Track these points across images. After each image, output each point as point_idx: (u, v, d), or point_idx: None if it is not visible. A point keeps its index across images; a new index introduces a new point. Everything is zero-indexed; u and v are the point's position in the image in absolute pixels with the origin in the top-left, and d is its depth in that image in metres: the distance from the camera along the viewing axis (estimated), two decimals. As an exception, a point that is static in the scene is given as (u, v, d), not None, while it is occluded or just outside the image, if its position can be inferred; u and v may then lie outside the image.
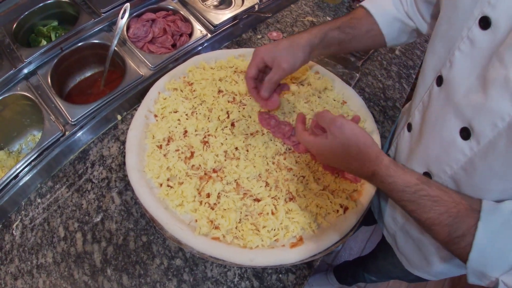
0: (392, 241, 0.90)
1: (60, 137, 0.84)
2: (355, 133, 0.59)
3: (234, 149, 0.83)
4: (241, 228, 0.72)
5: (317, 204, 0.76)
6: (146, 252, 0.76)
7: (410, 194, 0.54)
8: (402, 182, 0.55)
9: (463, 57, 0.54)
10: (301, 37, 0.76)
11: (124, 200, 0.82)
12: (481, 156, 0.52)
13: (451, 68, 0.56)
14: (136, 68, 0.96)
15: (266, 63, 0.77)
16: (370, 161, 0.57)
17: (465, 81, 0.53)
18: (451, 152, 0.56)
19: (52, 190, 0.84)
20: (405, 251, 0.85)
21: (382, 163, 0.57)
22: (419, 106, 0.68)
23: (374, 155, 0.57)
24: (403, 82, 1.17)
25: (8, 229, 0.79)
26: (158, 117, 0.88)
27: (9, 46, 0.94)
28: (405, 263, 0.88)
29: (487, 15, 0.49)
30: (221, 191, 0.77)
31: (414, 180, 0.54)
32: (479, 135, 0.51)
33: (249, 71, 0.78)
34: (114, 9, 1.04)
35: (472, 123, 0.52)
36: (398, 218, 0.81)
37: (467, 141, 0.53)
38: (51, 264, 0.74)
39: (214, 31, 1.10)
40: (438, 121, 0.60)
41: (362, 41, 0.81)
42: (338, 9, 1.38)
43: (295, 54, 0.75)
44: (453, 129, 0.55)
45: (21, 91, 0.89)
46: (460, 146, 0.54)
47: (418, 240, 0.77)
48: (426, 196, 0.53)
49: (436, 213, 0.52)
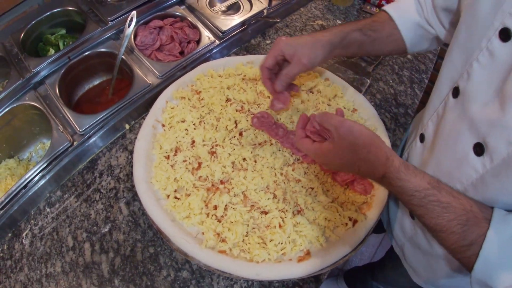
0: (400, 252, 0.88)
1: (68, 147, 0.85)
2: (364, 134, 0.56)
3: (241, 159, 0.82)
4: (248, 241, 0.71)
5: (325, 217, 0.74)
6: (153, 263, 0.76)
7: (419, 199, 0.52)
8: (412, 186, 0.53)
9: (482, 69, 0.52)
10: (322, 35, 0.74)
11: (132, 211, 0.82)
12: (493, 174, 0.50)
13: (468, 80, 0.54)
14: (143, 76, 0.96)
15: (285, 56, 0.74)
16: (380, 163, 0.55)
17: (482, 95, 0.51)
18: (463, 168, 0.55)
19: (61, 200, 0.85)
20: (413, 263, 0.84)
21: (392, 166, 0.55)
22: (433, 117, 0.66)
23: (384, 157, 0.55)
24: (415, 87, 1.14)
25: (18, 237, 0.80)
26: (166, 127, 0.87)
27: (17, 55, 0.95)
28: (412, 274, 0.86)
29: (508, 26, 0.47)
30: (228, 203, 0.76)
31: (424, 184, 0.52)
32: (493, 152, 0.49)
33: (267, 61, 0.75)
34: (121, 17, 1.04)
35: (486, 139, 0.50)
36: (407, 230, 0.79)
37: (480, 157, 0.51)
38: (59, 274, 0.75)
39: (222, 38, 1.09)
40: (452, 135, 0.58)
41: (382, 45, 0.80)
42: (348, 12, 1.35)
43: (316, 51, 0.73)
44: (467, 144, 0.53)
45: (29, 101, 0.90)
46: (472, 162, 0.53)
47: (427, 253, 0.75)
48: (435, 201, 0.51)
49: (445, 220, 0.50)
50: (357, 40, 0.76)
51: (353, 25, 0.77)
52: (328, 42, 0.74)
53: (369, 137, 0.56)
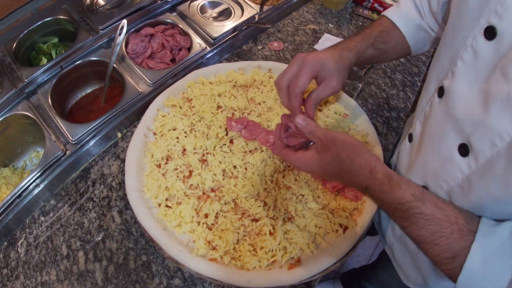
0: (390, 252, 0.89)
1: (61, 157, 0.86)
2: (349, 145, 0.56)
3: (232, 167, 0.83)
4: (239, 249, 0.72)
5: (316, 224, 0.75)
6: (145, 271, 0.77)
7: (402, 211, 0.52)
8: (394, 199, 0.53)
9: (466, 68, 0.52)
10: (347, 57, 0.72)
11: (124, 219, 0.83)
12: (479, 175, 0.49)
13: (452, 79, 0.54)
14: (135, 85, 0.97)
15: (317, 77, 0.70)
16: (363, 175, 0.55)
17: (466, 94, 0.51)
18: (449, 168, 0.54)
19: (55, 209, 0.85)
20: (402, 263, 0.84)
21: (376, 179, 0.54)
22: (421, 116, 0.66)
23: (368, 169, 0.55)
24: (408, 90, 1.14)
25: (14, 246, 0.81)
26: (157, 135, 0.88)
27: (9, 65, 0.95)
28: (401, 275, 0.87)
29: (493, 25, 0.47)
30: (219, 211, 0.77)
31: (408, 196, 0.52)
32: (477, 153, 0.49)
33: (303, 84, 0.67)
34: (112, 25, 1.05)
35: (471, 140, 0.49)
36: (397, 230, 0.80)
37: (465, 158, 0.51)
38: (54, 282, 0.76)
39: (213, 44, 1.09)
40: (437, 135, 0.57)
41: (390, 55, 0.80)
42: (340, 16, 1.36)
43: (343, 73, 0.71)
44: (452, 145, 0.53)
45: (22, 110, 0.91)
46: (458, 162, 0.52)
47: (415, 254, 0.75)
48: (419, 214, 0.51)
49: (428, 232, 0.50)
50: (370, 55, 0.76)
51: (366, 41, 0.75)
52: (350, 64, 0.73)
53: (353, 148, 0.56)
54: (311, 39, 1.25)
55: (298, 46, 1.22)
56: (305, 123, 0.62)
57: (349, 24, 1.33)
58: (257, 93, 0.97)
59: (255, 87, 0.99)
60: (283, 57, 1.18)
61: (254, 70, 1.02)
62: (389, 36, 0.77)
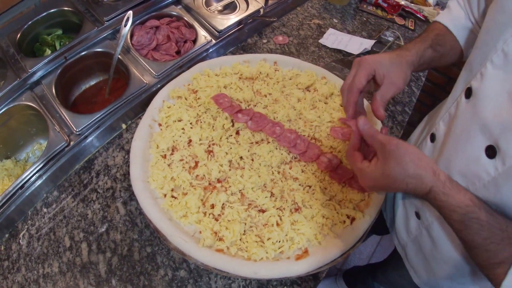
0: (402, 252, 0.88)
1: (65, 147, 0.85)
2: (411, 149, 0.55)
3: (238, 158, 0.82)
4: (246, 240, 0.71)
5: (323, 215, 0.74)
6: (150, 263, 0.76)
7: (460, 214, 0.52)
8: (455, 201, 0.52)
9: (495, 70, 0.52)
10: (404, 54, 0.72)
11: (129, 210, 0.82)
12: (506, 178, 0.49)
13: (481, 80, 0.54)
14: (140, 76, 0.96)
15: (375, 76, 0.70)
16: (428, 177, 0.54)
17: (495, 96, 0.51)
18: (475, 169, 0.54)
19: (58, 200, 0.84)
20: (414, 264, 0.83)
21: (439, 181, 0.54)
22: (445, 116, 0.66)
23: (431, 171, 0.54)
24: (413, 85, 1.14)
25: (15, 238, 0.80)
26: (163, 126, 0.87)
27: (13, 56, 0.95)
28: (413, 275, 0.86)
29: None
30: (225, 202, 0.76)
31: (467, 201, 0.52)
32: (505, 155, 0.49)
33: (359, 81, 0.68)
34: (117, 17, 1.05)
35: (499, 142, 0.50)
36: (412, 230, 0.79)
37: (492, 160, 0.51)
38: (57, 274, 0.75)
39: (218, 37, 1.09)
40: (463, 135, 0.57)
41: (446, 58, 0.78)
42: (344, 11, 1.36)
43: (406, 70, 0.70)
44: (479, 146, 0.53)
45: (26, 101, 0.90)
46: (484, 164, 0.52)
47: (429, 254, 0.75)
48: (475, 219, 0.51)
49: (481, 238, 0.50)
50: (430, 57, 0.75)
51: (423, 42, 0.75)
52: (411, 62, 0.72)
53: (415, 152, 0.55)
54: (315, 33, 1.25)
55: (303, 40, 1.22)
56: (366, 126, 0.61)
57: (353, 19, 1.33)
58: (263, 85, 0.97)
59: (261, 80, 0.99)
60: (288, 50, 1.18)
61: (259, 63, 1.01)
62: (445, 39, 0.77)
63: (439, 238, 0.69)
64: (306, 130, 0.87)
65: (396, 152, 0.55)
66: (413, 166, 0.54)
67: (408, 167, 0.54)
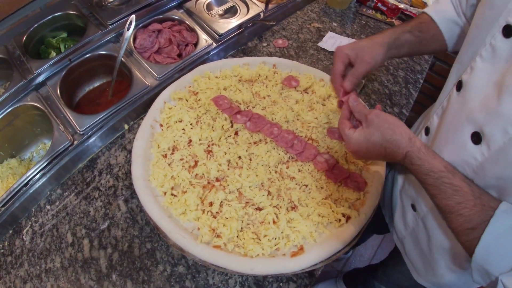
0: (400, 246, 0.90)
1: (69, 146, 0.87)
2: (390, 118, 0.63)
3: (237, 158, 0.84)
4: (243, 236, 0.73)
5: (319, 213, 0.76)
6: (150, 258, 0.77)
7: (433, 179, 0.56)
8: (428, 166, 0.57)
9: (484, 63, 0.55)
10: (377, 37, 0.81)
11: (130, 208, 0.84)
12: (492, 162, 0.52)
13: (471, 74, 0.57)
14: (142, 78, 0.98)
15: (349, 59, 0.79)
16: (404, 142, 0.60)
17: (483, 87, 0.54)
18: (463, 157, 0.57)
19: (61, 197, 0.86)
20: (412, 257, 0.85)
21: (415, 146, 0.59)
22: (438, 110, 0.69)
23: (407, 138, 0.60)
24: (410, 87, 1.16)
25: (19, 234, 0.82)
26: (164, 127, 0.90)
27: (19, 58, 0.97)
28: (412, 270, 0.87)
29: (511, 23, 0.50)
30: (223, 200, 0.78)
31: (440, 167, 0.56)
32: (489, 141, 0.52)
33: (336, 67, 0.80)
34: (121, 20, 1.07)
35: (483, 128, 0.53)
36: (409, 223, 0.81)
37: (478, 145, 0.54)
38: (59, 269, 0.77)
39: (219, 40, 1.11)
40: (453, 125, 0.61)
41: (428, 45, 0.84)
42: (344, 15, 1.38)
43: (376, 50, 0.78)
44: (465, 134, 0.56)
45: (31, 101, 0.92)
46: (471, 150, 0.55)
47: (426, 247, 0.77)
48: (448, 183, 0.54)
49: (454, 202, 0.53)
50: (408, 40, 0.81)
51: (402, 27, 0.83)
52: (384, 42, 0.79)
53: (393, 122, 0.63)
54: (315, 37, 1.27)
55: (302, 44, 1.24)
56: (356, 103, 0.70)
57: (352, 23, 1.35)
58: (262, 88, 0.99)
59: (260, 82, 1.01)
60: (287, 54, 1.20)
61: (259, 66, 1.04)
62: (427, 27, 0.82)
63: (433, 229, 0.72)
64: (304, 131, 0.89)
65: (376, 120, 0.63)
66: (390, 132, 0.61)
67: (385, 133, 0.62)
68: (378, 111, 0.65)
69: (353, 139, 0.67)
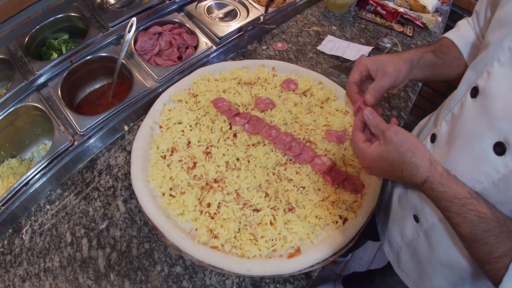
0: (393, 257, 0.88)
1: (69, 147, 0.88)
2: (410, 139, 0.59)
3: (235, 159, 0.85)
4: (240, 237, 0.73)
5: (316, 215, 0.76)
6: (148, 259, 0.78)
7: (458, 206, 0.53)
8: (453, 192, 0.53)
9: (503, 67, 0.53)
10: (400, 53, 0.77)
11: (129, 208, 0.85)
12: None
13: (488, 79, 0.55)
14: (143, 80, 1.00)
15: (369, 71, 0.76)
16: (424, 167, 0.56)
17: (504, 93, 0.52)
18: (482, 168, 0.54)
19: (61, 197, 0.87)
20: (407, 268, 0.83)
21: (436, 171, 0.56)
22: (448, 116, 0.66)
23: (428, 161, 0.57)
24: (409, 90, 1.16)
25: (18, 233, 0.82)
26: (163, 128, 0.90)
27: (21, 59, 0.99)
28: (405, 280, 0.86)
29: None
30: (221, 201, 0.78)
31: (464, 193, 0.53)
32: None
33: (353, 76, 0.77)
34: (122, 23, 1.09)
35: (508, 138, 0.49)
36: (408, 233, 0.79)
37: (501, 156, 0.51)
38: (57, 268, 0.77)
39: (219, 43, 1.12)
40: (469, 134, 0.57)
41: (451, 68, 0.81)
42: (344, 18, 1.39)
43: (399, 64, 0.74)
44: (486, 143, 0.53)
45: (32, 102, 0.93)
46: (493, 161, 0.52)
47: (425, 259, 0.75)
48: (473, 211, 0.51)
49: (480, 230, 0.50)
50: (431, 61, 0.78)
51: (425, 48, 0.80)
52: (408, 59, 0.75)
53: (414, 142, 0.58)
54: (314, 40, 1.28)
55: (301, 47, 1.25)
56: (372, 116, 0.66)
57: (352, 26, 1.37)
58: (261, 90, 1.00)
59: (259, 85, 1.02)
60: (286, 57, 1.21)
61: (258, 68, 1.05)
62: (449, 49, 0.79)
63: (437, 243, 0.69)
64: (302, 133, 0.90)
65: (395, 139, 0.59)
66: (410, 154, 0.57)
67: (405, 154, 0.58)
68: (397, 128, 0.60)
69: (367, 154, 0.63)
